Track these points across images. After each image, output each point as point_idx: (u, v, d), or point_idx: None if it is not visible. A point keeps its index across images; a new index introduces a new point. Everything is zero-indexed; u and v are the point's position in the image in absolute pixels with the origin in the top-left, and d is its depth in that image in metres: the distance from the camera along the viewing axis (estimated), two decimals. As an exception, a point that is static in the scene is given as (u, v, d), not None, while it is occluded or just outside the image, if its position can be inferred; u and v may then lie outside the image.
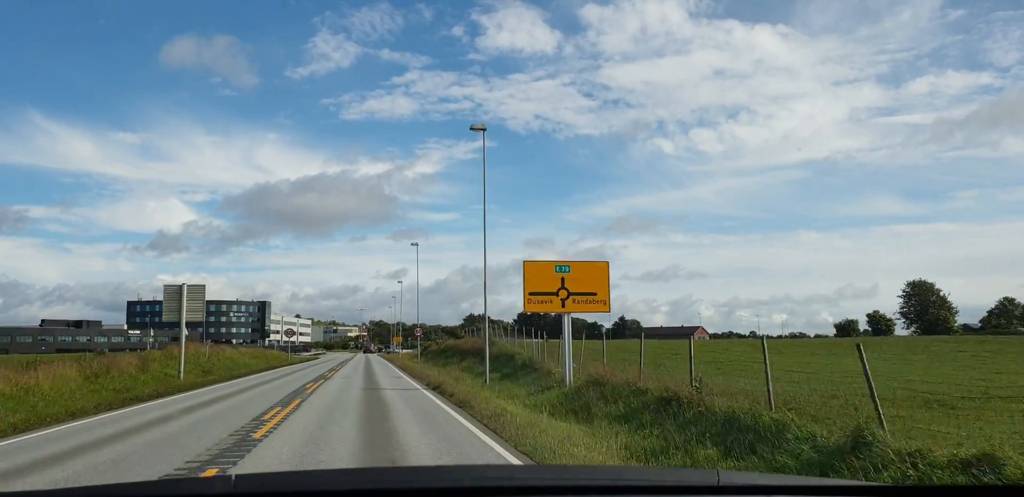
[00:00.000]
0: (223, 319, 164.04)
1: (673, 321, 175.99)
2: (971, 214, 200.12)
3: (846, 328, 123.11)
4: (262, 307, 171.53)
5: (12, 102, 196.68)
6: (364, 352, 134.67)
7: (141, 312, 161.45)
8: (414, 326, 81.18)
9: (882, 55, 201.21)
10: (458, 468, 4.21)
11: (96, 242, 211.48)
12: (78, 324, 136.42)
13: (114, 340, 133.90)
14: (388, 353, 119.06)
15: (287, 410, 17.22)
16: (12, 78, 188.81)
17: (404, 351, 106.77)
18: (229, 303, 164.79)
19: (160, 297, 30.47)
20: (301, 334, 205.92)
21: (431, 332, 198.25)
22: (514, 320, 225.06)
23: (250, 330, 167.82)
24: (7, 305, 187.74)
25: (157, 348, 57.49)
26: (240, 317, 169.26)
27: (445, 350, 55.18)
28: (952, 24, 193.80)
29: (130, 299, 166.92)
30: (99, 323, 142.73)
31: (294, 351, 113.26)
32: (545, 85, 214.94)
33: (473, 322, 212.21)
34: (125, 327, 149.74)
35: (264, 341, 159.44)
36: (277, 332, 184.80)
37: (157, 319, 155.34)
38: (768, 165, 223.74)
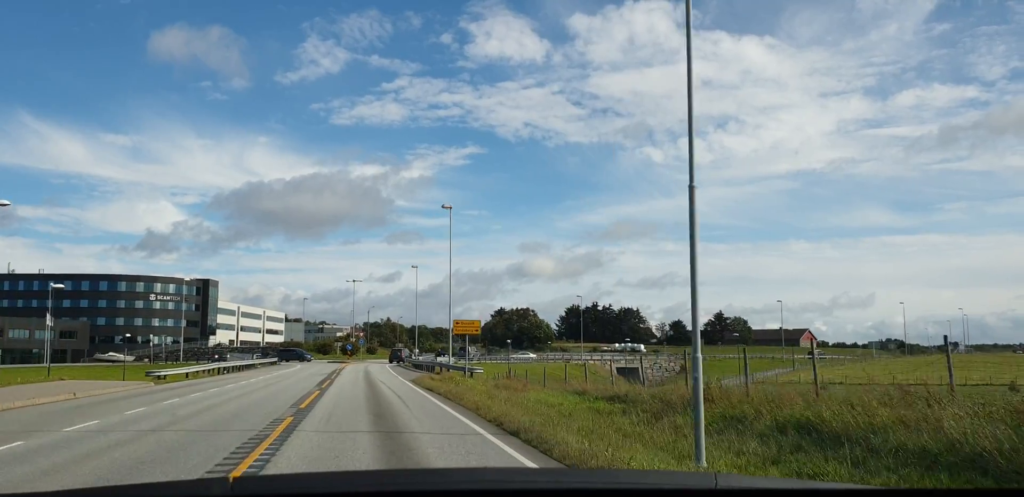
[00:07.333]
0: (138, 304, 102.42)
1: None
2: (959, 226, 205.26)
3: None
4: (204, 290, 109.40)
5: (3, 103, 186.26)
6: (392, 361, 77.08)
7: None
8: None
9: (869, 68, 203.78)
10: (456, 471, 4.34)
11: (86, 243, 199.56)
12: None
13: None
14: (418, 366, 58.91)
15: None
16: (3, 79, 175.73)
17: (452, 360, 48.26)
18: (148, 279, 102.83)
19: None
20: (271, 331, 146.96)
21: (428, 335, 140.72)
22: (559, 317, 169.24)
23: (184, 323, 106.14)
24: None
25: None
26: (166, 302, 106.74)
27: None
28: (937, 38, 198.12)
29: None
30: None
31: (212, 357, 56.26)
32: (534, 93, 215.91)
33: (508, 318, 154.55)
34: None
35: (205, 341, 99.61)
36: (230, 327, 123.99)
37: (20, 303, 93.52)
38: (757, 175, 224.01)
